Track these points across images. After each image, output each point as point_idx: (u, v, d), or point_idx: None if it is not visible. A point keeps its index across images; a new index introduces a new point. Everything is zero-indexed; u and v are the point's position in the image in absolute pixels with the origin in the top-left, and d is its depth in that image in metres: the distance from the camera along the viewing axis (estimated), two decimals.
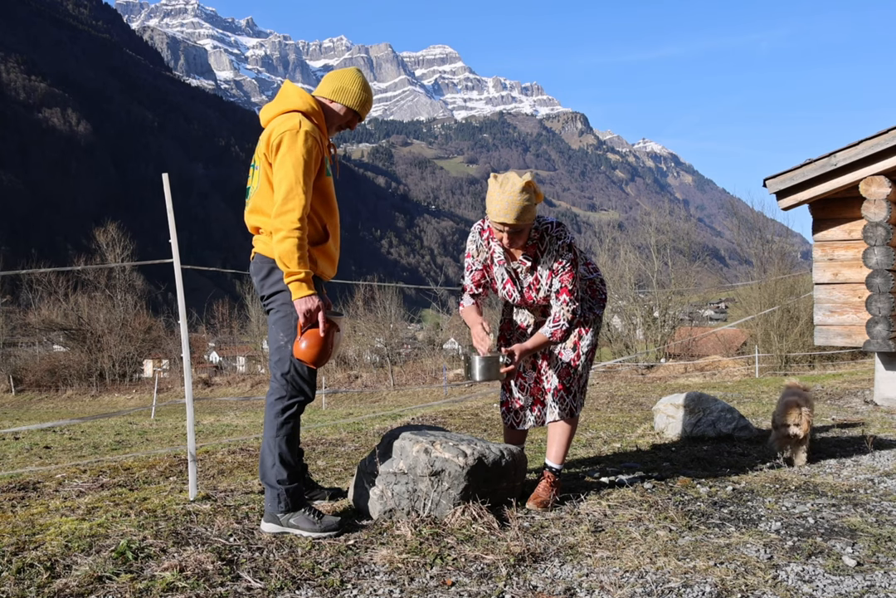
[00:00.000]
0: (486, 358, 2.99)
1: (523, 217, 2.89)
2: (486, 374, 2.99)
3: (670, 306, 27.65)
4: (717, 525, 2.80)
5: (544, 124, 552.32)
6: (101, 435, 10.17)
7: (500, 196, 2.87)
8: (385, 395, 26.42)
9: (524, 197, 2.86)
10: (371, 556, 2.49)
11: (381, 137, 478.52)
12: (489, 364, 2.98)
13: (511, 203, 2.85)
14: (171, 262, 3.66)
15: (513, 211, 2.86)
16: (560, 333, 3.09)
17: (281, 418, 2.79)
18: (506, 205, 2.86)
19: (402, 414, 8.85)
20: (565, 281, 3.08)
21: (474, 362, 3.00)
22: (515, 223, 2.89)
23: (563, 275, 3.08)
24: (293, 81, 3.01)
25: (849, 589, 2.16)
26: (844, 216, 6.83)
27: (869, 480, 3.53)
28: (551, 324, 3.10)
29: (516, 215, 2.87)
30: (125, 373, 37.37)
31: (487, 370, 2.99)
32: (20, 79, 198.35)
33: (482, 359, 2.99)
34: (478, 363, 2.99)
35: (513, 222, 2.89)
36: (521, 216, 2.88)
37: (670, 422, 4.94)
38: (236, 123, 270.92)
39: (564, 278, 3.08)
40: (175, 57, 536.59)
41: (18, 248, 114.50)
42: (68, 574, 2.30)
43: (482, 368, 2.99)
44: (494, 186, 2.92)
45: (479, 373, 2.99)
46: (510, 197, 2.85)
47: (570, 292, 3.08)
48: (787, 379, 12.40)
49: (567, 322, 3.08)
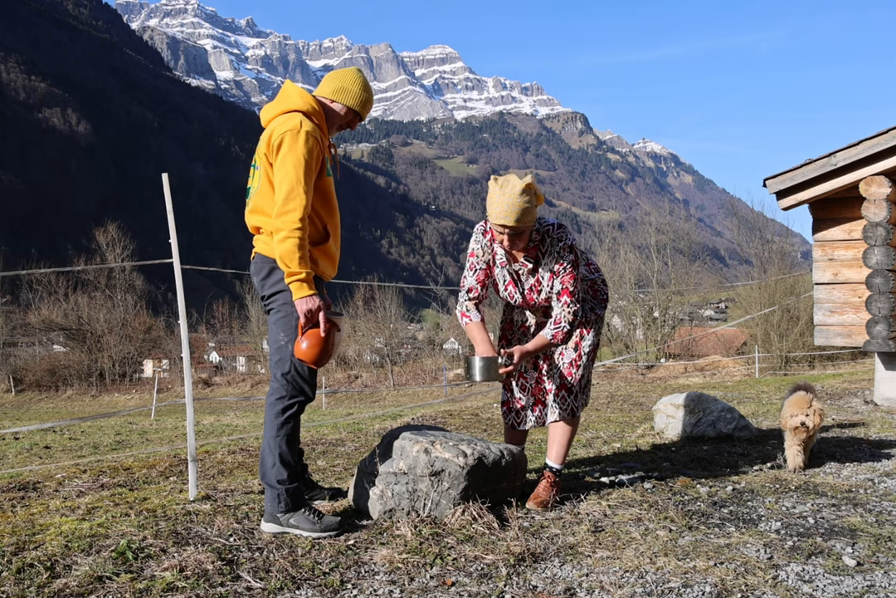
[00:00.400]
0: (486, 359, 3.00)
1: (523, 219, 2.90)
2: (486, 375, 3.00)
3: (670, 305, 27.65)
4: (717, 525, 2.80)
5: (544, 124, 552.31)
6: (101, 435, 10.17)
7: (501, 198, 2.88)
8: (385, 395, 26.41)
9: (524, 199, 2.87)
10: (371, 556, 2.49)
11: (381, 137, 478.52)
12: (488, 365, 3.00)
13: (511, 205, 2.86)
14: (171, 262, 3.66)
15: (513, 213, 2.87)
16: (561, 335, 3.09)
17: (281, 418, 2.79)
18: (506, 207, 2.87)
19: (402, 414, 8.85)
20: (566, 283, 3.08)
21: (473, 363, 3.01)
22: (515, 225, 2.90)
23: (565, 276, 3.08)
24: (293, 81, 3.00)
25: (849, 589, 2.16)
26: (844, 216, 6.82)
27: (869, 480, 3.53)
28: (552, 326, 3.10)
29: (516, 217, 2.88)
30: (125, 373, 37.36)
31: (487, 371, 3.00)
32: (20, 79, 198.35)
33: (481, 360, 3.00)
34: (477, 364, 3.00)
35: (513, 224, 2.89)
36: (522, 218, 2.89)
37: (670, 422, 4.94)
38: (236, 123, 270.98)
39: (566, 280, 3.08)
40: (175, 57, 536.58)
41: (18, 248, 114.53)
42: (68, 574, 2.30)
43: (481, 368, 3.00)
44: (495, 188, 2.93)
45: (478, 373, 3.00)
46: (510, 199, 2.86)
47: (571, 294, 3.09)
48: (789, 380, 12.41)
49: (568, 324, 3.08)
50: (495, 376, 3.00)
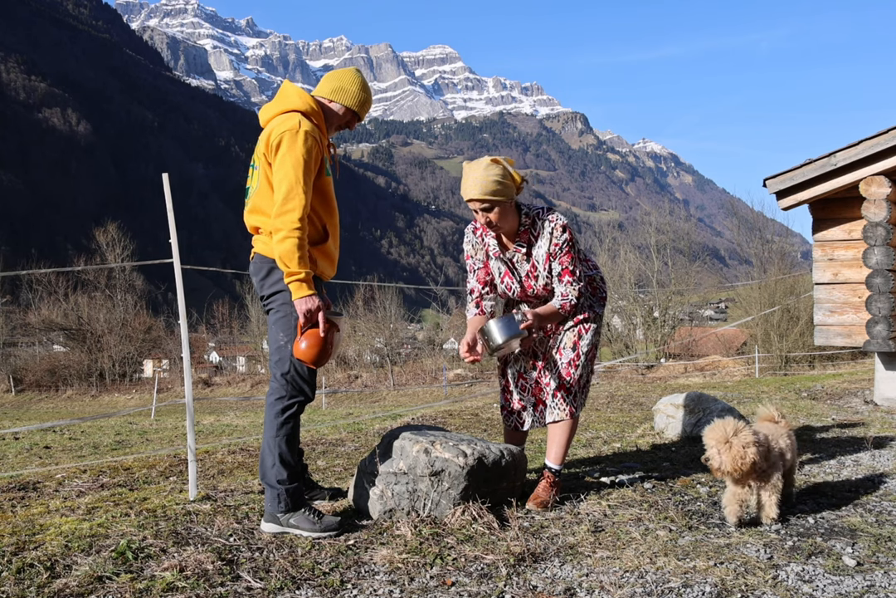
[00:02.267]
0: (502, 319, 2.90)
1: (492, 192, 2.90)
2: (507, 332, 2.87)
3: (670, 306, 27.66)
4: (717, 525, 2.80)
5: (544, 124, 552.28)
6: (101, 435, 10.16)
7: (468, 174, 2.95)
8: (385, 395, 26.41)
9: (491, 172, 2.90)
10: (371, 556, 2.49)
11: (381, 137, 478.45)
12: (507, 323, 2.88)
13: (476, 179, 2.90)
14: (171, 262, 3.66)
15: (478, 186, 2.90)
16: (569, 305, 3.09)
17: (281, 418, 2.79)
18: (472, 181, 2.92)
19: (402, 414, 8.85)
20: (565, 262, 3.08)
21: (490, 327, 2.90)
22: (482, 197, 2.91)
23: (563, 257, 3.08)
24: (293, 81, 3.01)
25: (849, 589, 2.16)
26: (844, 216, 6.82)
27: (869, 480, 3.53)
28: (559, 298, 3.10)
29: (482, 189, 2.90)
30: (125, 373, 37.37)
31: (507, 329, 2.87)
32: (20, 79, 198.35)
33: (498, 320, 2.90)
34: (494, 325, 2.89)
35: (479, 196, 2.91)
36: (488, 190, 2.90)
37: (670, 422, 4.94)
38: (236, 123, 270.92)
39: (564, 260, 3.08)
40: (175, 57, 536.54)
41: (18, 248, 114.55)
42: (68, 574, 2.30)
43: (501, 328, 2.88)
44: (465, 168, 2.99)
45: (498, 334, 2.87)
46: (475, 173, 2.91)
47: (571, 273, 3.08)
48: (789, 380, 12.36)
49: (574, 298, 3.08)
50: (517, 331, 2.89)
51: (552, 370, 3.26)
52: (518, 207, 3.11)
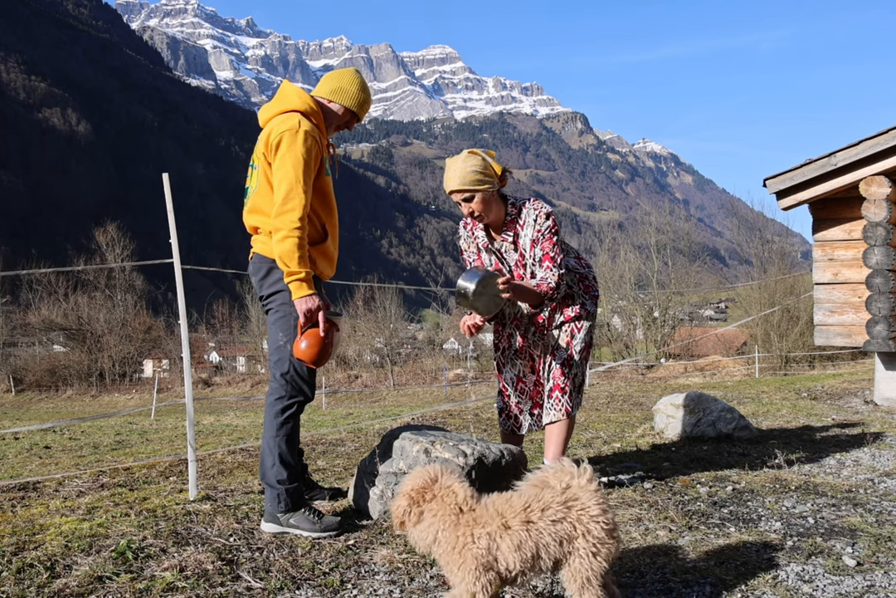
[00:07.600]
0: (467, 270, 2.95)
1: (470, 181, 3.00)
2: (473, 275, 2.86)
3: (670, 306, 27.65)
4: (717, 525, 2.80)
5: (544, 124, 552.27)
6: (101, 435, 10.16)
7: (448, 168, 3.07)
8: (385, 395, 26.40)
9: (469, 163, 3.01)
10: (371, 556, 2.49)
11: (381, 137, 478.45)
12: (472, 270, 2.89)
13: (455, 170, 3.02)
14: (171, 262, 3.66)
15: (457, 177, 3.01)
16: (546, 287, 3.09)
17: (281, 418, 2.79)
18: (451, 173, 3.04)
19: (402, 414, 8.85)
20: (546, 248, 3.12)
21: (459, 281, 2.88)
22: (462, 187, 3.01)
23: (544, 242, 3.12)
24: (293, 81, 3.01)
25: (849, 589, 2.16)
26: (844, 216, 6.82)
27: (869, 480, 3.52)
28: (538, 279, 3.13)
29: (461, 180, 3.00)
30: (125, 373, 37.36)
31: (474, 272, 2.88)
32: (20, 79, 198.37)
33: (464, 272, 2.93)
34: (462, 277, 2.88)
35: (459, 187, 3.01)
36: (467, 180, 3.00)
37: (670, 422, 4.94)
38: (236, 123, 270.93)
39: (545, 246, 3.12)
40: (175, 57, 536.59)
41: (18, 248, 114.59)
42: (68, 574, 2.30)
43: (467, 274, 2.88)
44: (447, 162, 3.12)
45: (467, 280, 2.86)
46: (455, 165, 3.04)
47: (552, 259, 3.11)
48: (789, 380, 12.33)
49: (553, 283, 3.08)
50: (485, 273, 2.90)
51: (547, 371, 3.28)
52: (504, 198, 3.18)
